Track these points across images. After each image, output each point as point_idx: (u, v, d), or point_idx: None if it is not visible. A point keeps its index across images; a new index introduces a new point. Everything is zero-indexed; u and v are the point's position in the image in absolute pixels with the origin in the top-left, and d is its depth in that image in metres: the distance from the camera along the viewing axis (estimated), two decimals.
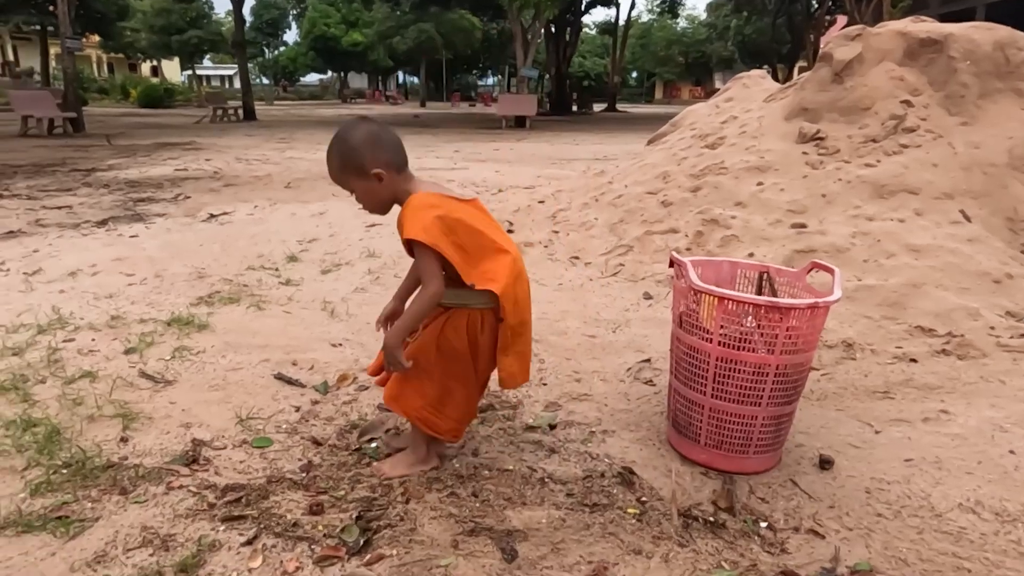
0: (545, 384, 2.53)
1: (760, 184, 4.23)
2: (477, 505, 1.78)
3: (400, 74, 64.02)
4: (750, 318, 1.92)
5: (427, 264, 1.69)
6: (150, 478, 1.90)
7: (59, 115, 15.08)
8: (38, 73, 29.43)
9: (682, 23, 58.70)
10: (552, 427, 2.21)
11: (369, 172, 1.72)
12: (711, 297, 1.90)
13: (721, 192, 4.32)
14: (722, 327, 1.88)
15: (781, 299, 1.89)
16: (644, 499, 1.83)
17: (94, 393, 2.39)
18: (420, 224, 1.65)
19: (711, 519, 1.74)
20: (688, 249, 3.95)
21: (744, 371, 1.88)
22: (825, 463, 2.00)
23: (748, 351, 1.87)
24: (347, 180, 1.77)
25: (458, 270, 1.70)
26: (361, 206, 1.82)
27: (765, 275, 2.20)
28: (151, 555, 1.58)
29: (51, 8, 22.47)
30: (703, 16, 54.60)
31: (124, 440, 2.11)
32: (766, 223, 3.93)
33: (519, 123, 20.97)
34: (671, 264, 2.10)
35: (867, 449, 2.10)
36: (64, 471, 1.92)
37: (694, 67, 59.46)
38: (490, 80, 71.92)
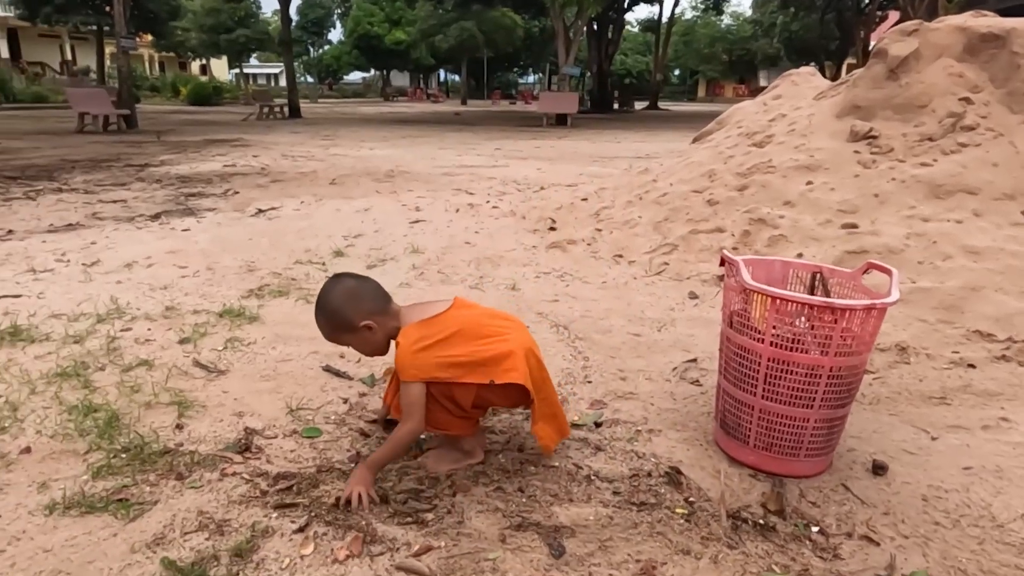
0: (590, 382, 2.52)
1: (809, 183, 4.15)
2: (524, 500, 1.78)
3: (441, 72, 64.44)
4: (803, 319, 1.88)
5: (412, 399, 1.75)
6: (205, 464, 1.95)
7: (114, 112, 15.57)
8: (94, 72, 30.42)
9: (726, 20, 57.83)
10: (598, 425, 2.20)
11: (358, 326, 1.81)
12: (763, 297, 1.87)
13: (769, 191, 4.25)
14: (774, 327, 1.85)
15: (836, 300, 1.85)
16: (692, 499, 1.81)
17: (151, 381, 2.46)
18: (412, 366, 1.74)
19: (761, 522, 1.72)
20: (735, 248, 3.89)
21: (796, 372, 1.85)
22: (879, 469, 1.96)
23: (801, 352, 1.83)
24: (340, 338, 1.87)
25: (469, 382, 1.77)
26: (359, 356, 1.89)
27: (818, 275, 2.15)
28: (207, 539, 1.63)
29: (107, 9, 23.21)
30: (748, 13, 53.65)
31: (179, 427, 2.17)
32: (815, 223, 3.85)
33: (560, 121, 20.93)
34: (722, 263, 2.08)
35: (923, 456, 2.04)
36: (123, 455, 1.98)
37: (738, 65, 58.51)
38: (531, 78, 71.92)
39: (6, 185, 7.23)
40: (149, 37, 34.34)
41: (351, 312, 1.81)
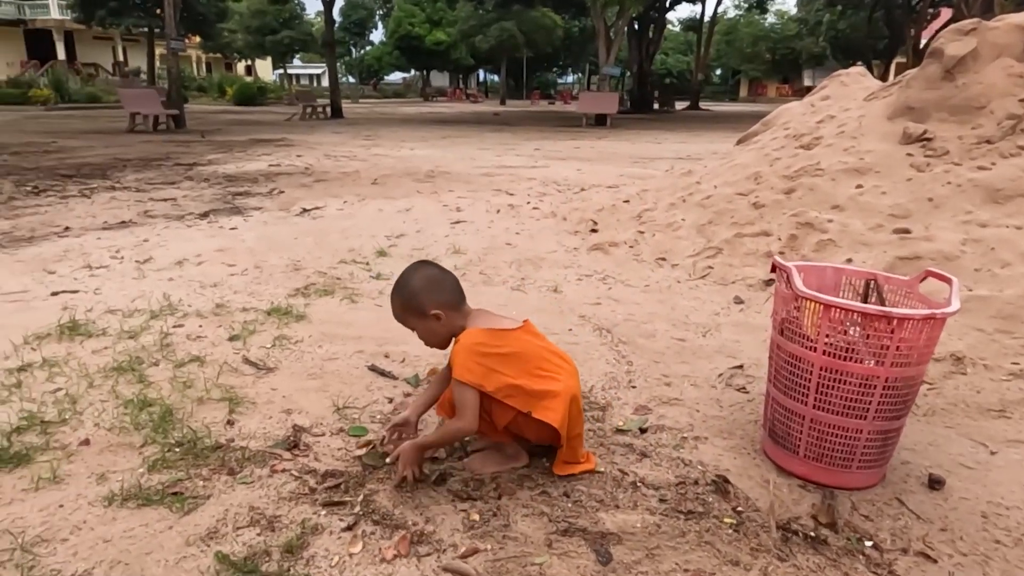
0: (634, 387, 2.51)
1: (859, 187, 4.05)
2: (569, 505, 1.78)
3: (480, 72, 64.68)
4: (856, 327, 1.84)
5: (465, 400, 1.79)
6: (255, 460, 1.99)
7: (163, 112, 16.00)
8: (144, 72, 31.29)
9: (770, 19, 56.77)
10: (643, 431, 2.18)
11: (428, 313, 1.86)
12: (815, 304, 1.84)
13: (817, 194, 4.16)
14: (827, 336, 1.81)
15: (894, 309, 1.80)
16: (740, 509, 1.78)
17: (202, 377, 2.52)
18: (465, 366, 1.77)
19: (812, 534, 1.68)
20: (781, 253, 3.82)
21: (850, 383, 1.80)
22: (935, 483, 1.90)
23: (855, 362, 1.79)
24: (408, 320, 1.92)
25: (509, 404, 1.81)
26: (422, 342, 1.97)
27: (872, 283, 2.10)
28: (258, 534, 1.66)
29: (158, 11, 23.85)
30: (793, 11, 52.61)
31: (230, 423, 2.22)
32: (865, 228, 3.76)
33: (599, 121, 20.82)
34: (773, 269, 2.04)
35: (982, 471, 1.98)
36: (177, 450, 2.04)
37: (782, 64, 57.42)
38: (569, 78, 71.73)
39: (63, 183, 7.49)
40: (197, 39, 35.17)
41: (426, 298, 1.86)
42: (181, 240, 4.75)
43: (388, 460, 1.92)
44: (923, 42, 29.01)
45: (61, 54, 36.89)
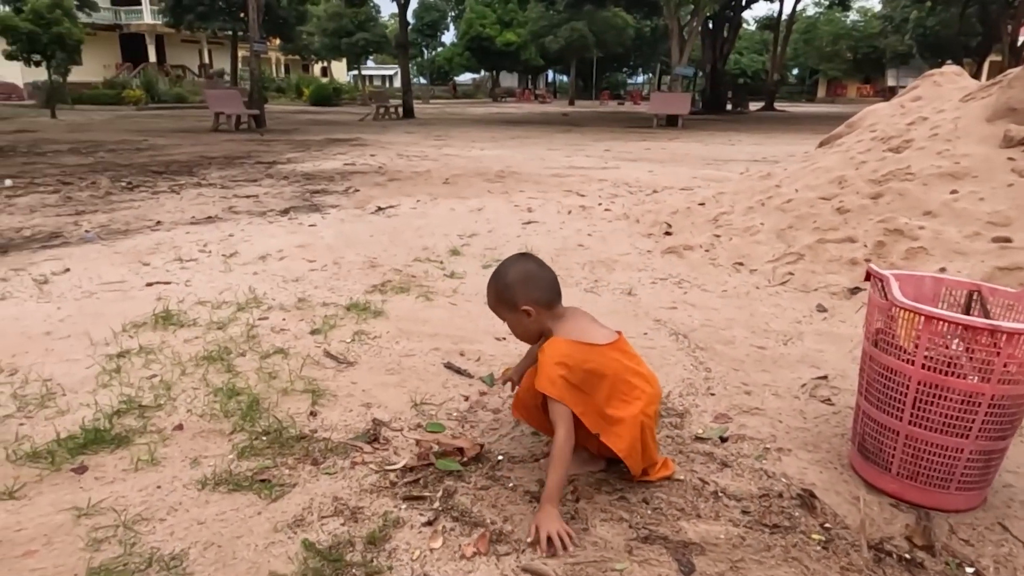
0: (713, 394, 2.45)
1: (954, 192, 3.85)
2: (649, 512, 1.75)
3: (549, 73, 64.63)
4: (956, 341, 1.75)
5: (557, 411, 1.74)
6: (337, 452, 2.05)
7: (245, 112, 16.65)
8: (227, 74, 32.64)
9: (852, 16, 54.60)
10: (723, 440, 2.13)
11: (519, 308, 1.83)
12: (911, 315, 1.75)
13: (907, 200, 3.98)
14: (927, 349, 1.72)
15: (1003, 323, 1.70)
16: (828, 525, 1.72)
17: (287, 368, 2.61)
18: (548, 378, 1.73)
19: (906, 556, 1.61)
20: (867, 260, 3.67)
21: (951, 399, 1.71)
22: None
23: (957, 377, 1.70)
24: (500, 310, 1.91)
25: (583, 421, 1.76)
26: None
27: (976, 294, 1.99)
28: (342, 524, 1.70)
29: (242, 15, 24.85)
30: (877, 8, 50.45)
31: (313, 414, 2.28)
32: (961, 235, 3.57)
33: (670, 122, 20.50)
34: (867, 277, 1.96)
35: None
36: (264, 438, 2.11)
37: (863, 63, 55.18)
38: (639, 78, 70.89)
39: (154, 179, 7.88)
40: (277, 41, 36.47)
41: (519, 292, 1.84)
42: (263, 236, 4.92)
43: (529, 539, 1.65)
44: (1020, 39, 27.38)
45: (152, 57, 38.89)
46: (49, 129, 15.77)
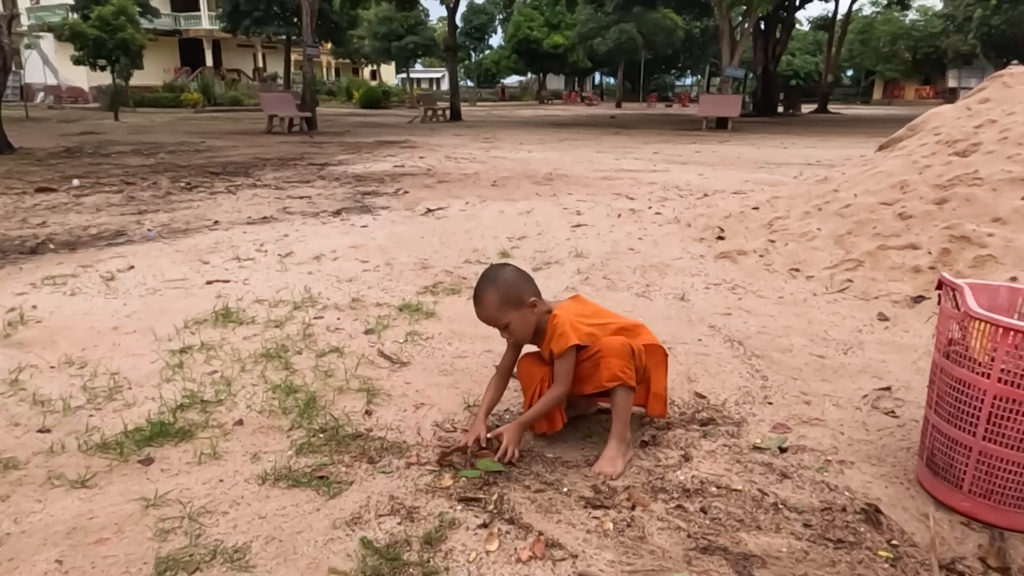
0: (771, 403, 2.40)
1: None
2: (707, 522, 1.72)
3: (596, 75, 64.34)
4: None
5: (567, 368, 2.00)
6: (393, 451, 2.07)
7: (297, 115, 17.01)
8: (280, 77, 33.41)
9: (912, 15, 52.87)
10: (782, 450, 2.08)
11: (527, 302, 2.02)
12: (985, 326, 1.68)
13: (974, 206, 3.83)
14: (1003, 362, 1.65)
15: None
16: (895, 542, 1.66)
17: (342, 367, 2.65)
18: (576, 331, 1.99)
19: None
20: (932, 268, 3.54)
21: None
22: None
23: None
24: (506, 313, 2.02)
25: (616, 345, 2.01)
26: (511, 339, 2.12)
27: None
28: (399, 523, 1.72)
29: (295, 20, 25.43)
30: (938, 6, 48.75)
31: (368, 413, 2.31)
32: None
33: (720, 124, 20.17)
34: (939, 286, 1.89)
35: None
36: (321, 435, 2.15)
37: (923, 64, 53.32)
38: (688, 80, 69.98)
39: (211, 180, 8.12)
40: (329, 45, 37.18)
41: (523, 287, 2.03)
42: (317, 236, 5.02)
43: (490, 435, 2.03)
44: None
45: (209, 61, 40.09)
46: (113, 131, 16.39)
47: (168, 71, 37.93)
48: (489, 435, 2.03)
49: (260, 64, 43.27)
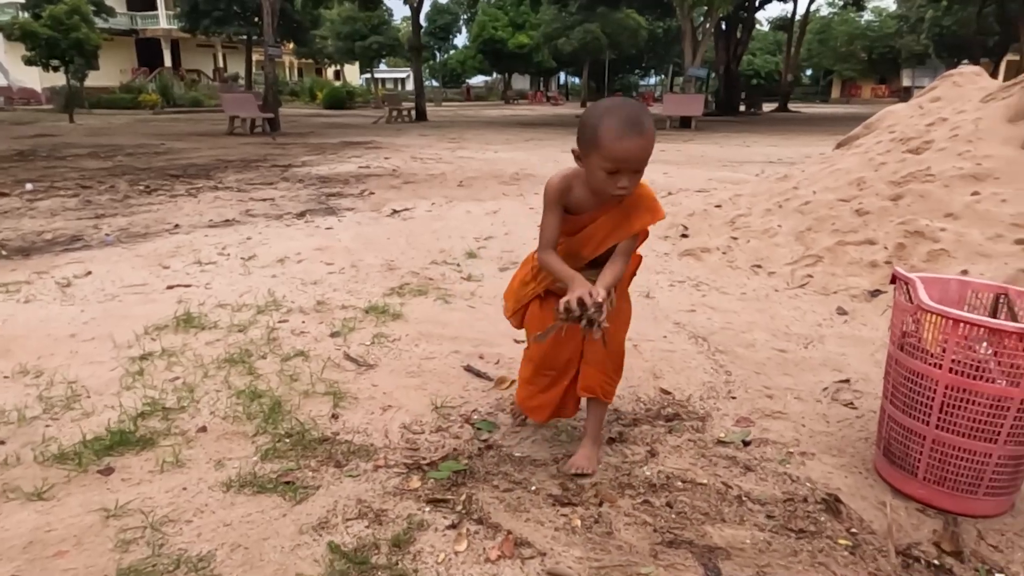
0: (734, 398, 2.44)
1: (976, 194, 3.81)
2: (673, 516, 1.75)
3: (562, 75, 64.58)
4: (984, 344, 1.73)
5: (633, 245, 1.85)
6: (360, 454, 2.06)
7: (260, 116, 16.74)
8: (242, 78, 32.87)
9: (867, 16, 54.14)
10: (746, 443, 2.12)
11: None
12: (937, 318, 1.74)
13: (928, 202, 3.94)
14: (954, 353, 1.71)
15: None
16: (854, 531, 1.71)
17: (307, 371, 2.62)
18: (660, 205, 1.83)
19: (935, 562, 1.59)
20: (888, 263, 3.64)
21: (979, 403, 1.70)
22: None
23: (986, 381, 1.68)
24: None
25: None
26: (628, 190, 1.70)
27: (1003, 297, 1.97)
28: (367, 527, 1.71)
29: (256, 20, 25.06)
30: (892, 8, 49.99)
31: (335, 417, 2.29)
32: (983, 238, 3.53)
33: (684, 124, 20.42)
34: (892, 280, 1.95)
35: None
36: (287, 440, 2.12)
37: (879, 63, 54.68)
38: (652, 80, 70.70)
39: (171, 183, 7.95)
40: (291, 45, 36.68)
41: None
42: (281, 239, 4.95)
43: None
44: None
45: (168, 61, 39.24)
46: (68, 133, 15.95)
47: (125, 72, 37.02)
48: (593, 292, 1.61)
49: (221, 64, 42.51)
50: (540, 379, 2.03)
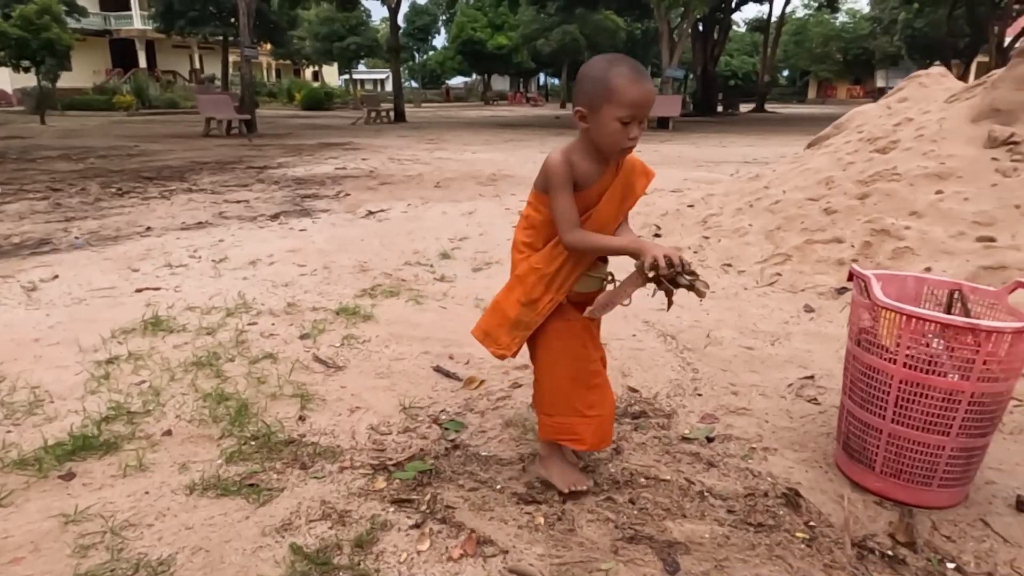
0: (700, 395, 2.47)
1: (939, 192, 3.88)
2: (635, 513, 1.76)
3: (541, 76, 64.71)
4: (937, 339, 1.77)
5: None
6: (326, 456, 2.05)
7: (236, 117, 16.59)
8: (219, 79, 32.56)
9: (842, 17, 54.88)
10: (710, 440, 2.15)
11: None
12: (892, 314, 1.77)
13: (894, 200, 4.01)
14: (908, 348, 1.75)
15: (981, 321, 1.72)
16: (812, 524, 1.74)
17: (275, 373, 2.61)
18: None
19: (889, 553, 1.62)
20: (855, 260, 3.70)
21: (932, 397, 1.73)
22: None
23: (938, 375, 1.72)
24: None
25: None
26: (634, 143, 1.68)
27: (957, 293, 2.01)
28: (330, 528, 1.71)
29: (232, 20, 24.83)
30: (866, 10, 50.70)
31: (302, 419, 2.29)
32: (946, 235, 3.60)
33: (661, 124, 20.55)
34: (850, 277, 1.98)
35: None
36: (252, 443, 2.12)
37: (854, 64, 55.45)
38: None
39: (144, 185, 7.86)
40: (268, 46, 36.38)
41: None
42: (254, 241, 4.92)
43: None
44: (1007, 41, 27.60)
45: (142, 62, 38.73)
46: (39, 135, 15.70)
47: (99, 72, 36.49)
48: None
49: (197, 65, 42.06)
50: (595, 379, 1.79)
